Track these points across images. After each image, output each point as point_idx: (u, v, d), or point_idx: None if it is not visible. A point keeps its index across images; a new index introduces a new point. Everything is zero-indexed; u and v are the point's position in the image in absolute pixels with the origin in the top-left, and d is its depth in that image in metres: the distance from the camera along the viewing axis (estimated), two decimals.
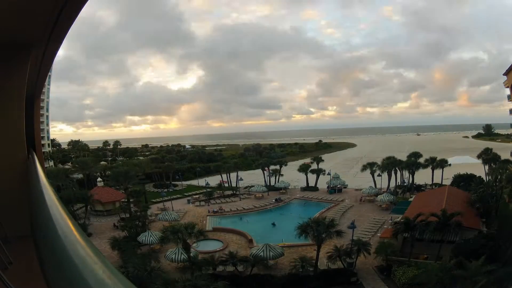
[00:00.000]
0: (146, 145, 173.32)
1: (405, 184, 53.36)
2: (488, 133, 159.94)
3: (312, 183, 56.19)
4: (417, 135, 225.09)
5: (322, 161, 64.22)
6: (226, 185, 59.74)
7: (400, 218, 30.95)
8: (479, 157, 54.98)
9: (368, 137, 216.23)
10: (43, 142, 79.26)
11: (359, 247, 25.73)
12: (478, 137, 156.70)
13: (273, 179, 61.04)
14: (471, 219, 29.01)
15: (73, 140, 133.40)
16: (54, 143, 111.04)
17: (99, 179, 58.04)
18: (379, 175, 52.37)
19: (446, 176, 51.33)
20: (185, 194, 55.77)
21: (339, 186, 53.96)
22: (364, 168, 54.94)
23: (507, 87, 42.79)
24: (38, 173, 2.93)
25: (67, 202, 35.32)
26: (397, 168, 52.12)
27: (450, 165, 53.15)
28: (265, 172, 62.15)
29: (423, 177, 52.58)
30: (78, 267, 0.97)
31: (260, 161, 69.37)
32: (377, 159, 56.83)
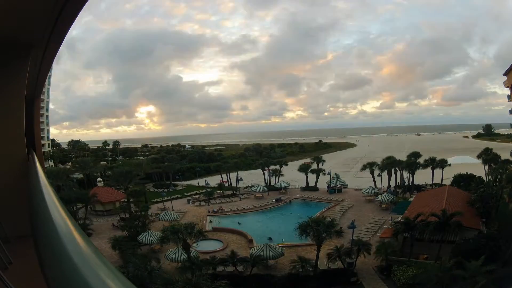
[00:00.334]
0: (146, 145, 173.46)
1: (405, 184, 53.34)
2: (488, 133, 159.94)
3: (312, 183, 56.19)
4: (417, 135, 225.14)
5: (323, 161, 64.18)
6: (226, 185, 59.72)
7: (400, 218, 30.93)
8: (479, 157, 54.92)
9: (368, 137, 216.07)
10: (43, 142, 79.25)
11: (359, 247, 25.72)
12: (478, 137, 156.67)
13: (273, 179, 61.07)
14: (471, 219, 28.98)
15: (73, 140, 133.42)
16: (54, 143, 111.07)
17: (99, 179, 58.06)
18: (379, 175, 52.35)
19: (446, 176, 51.27)
20: (185, 194, 55.79)
21: (339, 186, 53.96)
22: (364, 168, 54.98)
23: (507, 87, 42.79)
24: (38, 173, 2.93)
25: (67, 202, 35.37)
26: (397, 168, 52.11)
27: (450, 165, 53.12)
28: (265, 172, 62.19)
29: (423, 177, 52.54)
30: (78, 267, 0.97)
31: (260, 161, 69.34)
32: (377, 159, 56.82)
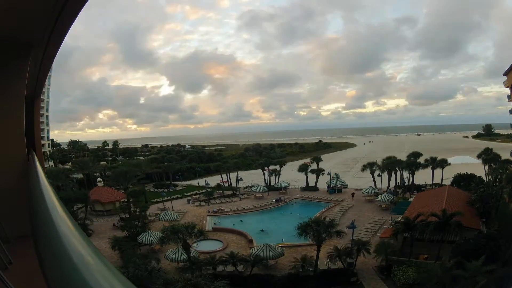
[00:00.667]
0: (146, 145, 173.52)
1: (405, 184, 53.32)
2: (488, 133, 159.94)
3: (312, 183, 56.19)
4: (417, 135, 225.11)
5: (321, 161, 64.20)
6: (226, 185, 59.72)
7: (400, 218, 30.92)
8: (479, 157, 54.91)
9: (368, 137, 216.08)
10: (43, 142, 79.24)
11: (359, 247, 25.72)
12: (478, 137, 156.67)
13: (273, 179, 61.07)
14: (471, 219, 28.98)
15: (72, 140, 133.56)
16: (54, 143, 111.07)
17: (99, 179, 58.11)
18: (379, 175, 52.32)
19: (446, 176, 51.25)
20: (185, 194, 55.78)
21: (339, 186, 53.96)
22: (364, 168, 54.93)
23: (507, 87, 42.79)
24: (38, 173, 2.93)
25: (67, 202, 35.35)
26: (397, 168, 52.05)
27: (450, 165, 53.10)
28: (265, 172, 62.19)
29: (423, 177, 52.53)
30: (78, 267, 0.97)
31: (260, 161, 69.39)
32: (377, 159, 56.81)
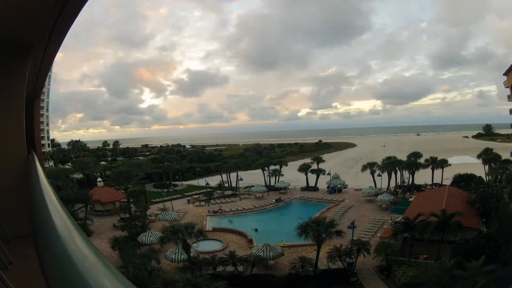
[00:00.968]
0: (146, 145, 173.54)
1: (405, 184, 53.33)
2: (488, 133, 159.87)
3: (312, 183, 56.18)
4: (417, 135, 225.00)
5: (322, 161, 64.21)
6: (226, 185, 59.72)
7: (400, 218, 30.93)
8: (479, 157, 54.92)
9: (368, 137, 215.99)
10: (43, 142, 79.25)
11: (359, 247, 25.72)
12: (478, 137, 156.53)
13: (273, 179, 61.07)
14: (471, 219, 28.98)
15: (73, 140, 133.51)
16: (54, 143, 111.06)
17: (99, 179, 58.10)
18: (379, 175, 52.32)
19: (446, 176, 51.27)
20: (185, 194, 55.79)
21: (339, 186, 53.93)
22: (364, 168, 54.94)
23: (507, 87, 42.80)
24: (38, 173, 2.93)
25: (67, 202, 35.35)
26: (397, 168, 52.06)
27: (450, 165, 53.10)
28: (265, 172, 62.19)
29: (423, 177, 52.53)
30: (78, 267, 0.97)
31: (260, 161, 69.38)
32: (377, 159, 56.81)
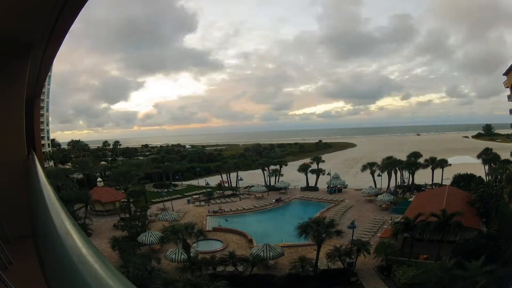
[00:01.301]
0: (146, 145, 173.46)
1: (405, 184, 53.33)
2: (488, 133, 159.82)
3: (312, 183, 56.17)
4: (417, 135, 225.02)
5: (322, 161, 64.20)
6: (226, 185, 59.70)
7: (400, 218, 30.93)
8: (479, 157, 54.92)
9: (367, 137, 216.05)
10: (43, 142, 79.24)
11: (359, 247, 25.72)
12: (478, 137, 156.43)
13: (273, 179, 61.06)
14: (471, 219, 28.99)
15: (73, 140, 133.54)
16: (54, 143, 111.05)
17: (99, 179, 58.07)
18: (379, 175, 52.32)
19: (446, 176, 51.26)
20: (185, 194, 55.78)
21: (339, 186, 53.92)
22: (364, 168, 54.93)
23: (507, 87, 42.83)
24: (38, 173, 2.93)
25: (67, 202, 35.35)
26: (397, 168, 52.05)
27: (450, 165, 53.10)
28: (265, 172, 62.19)
29: (423, 177, 52.53)
30: (78, 267, 0.97)
31: (260, 161, 69.36)
32: (377, 159, 56.81)
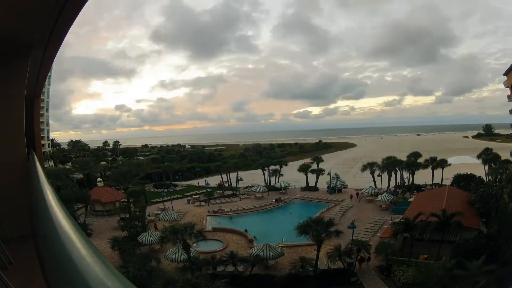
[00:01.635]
0: (146, 145, 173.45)
1: (405, 184, 53.33)
2: (488, 133, 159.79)
3: (312, 183, 56.17)
4: (417, 135, 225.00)
5: (322, 161, 64.21)
6: (226, 185, 59.73)
7: (400, 218, 30.92)
8: (479, 157, 54.89)
9: (368, 137, 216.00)
10: (43, 142, 79.24)
11: (359, 247, 25.73)
12: (478, 137, 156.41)
13: (273, 179, 61.06)
14: (471, 219, 28.99)
15: (73, 140, 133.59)
16: (54, 143, 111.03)
17: (99, 179, 58.01)
18: (379, 175, 52.33)
19: (446, 176, 51.25)
20: (185, 194, 55.78)
21: (339, 186, 53.92)
22: (364, 168, 54.92)
23: (507, 87, 42.84)
24: (38, 173, 2.93)
25: (67, 202, 35.34)
26: (397, 168, 52.05)
27: (450, 165, 53.10)
28: (265, 172, 62.17)
29: (423, 177, 52.53)
30: (78, 267, 0.97)
31: (260, 161, 69.35)
32: (377, 159, 56.81)
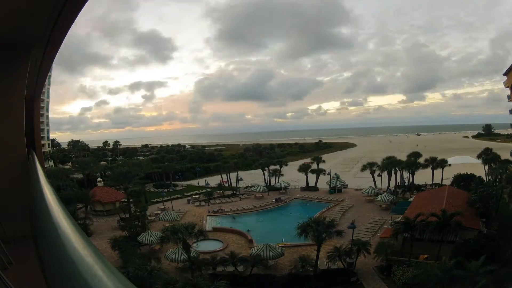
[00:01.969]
0: (146, 145, 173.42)
1: (405, 184, 53.33)
2: (488, 133, 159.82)
3: (312, 183, 56.17)
4: (417, 135, 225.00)
5: (322, 161, 64.21)
6: (226, 185, 59.70)
7: (400, 218, 30.93)
8: (479, 157, 54.86)
9: (367, 137, 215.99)
10: (43, 142, 79.24)
11: (359, 247, 25.72)
12: (478, 137, 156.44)
13: (273, 179, 61.05)
14: (471, 219, 28.97)
15: (73, 140, 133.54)
16: (54, 143, 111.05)
17: (99, 179, 58.01)
18: (379, 175, 52.33)
19: (446, 176, 51.25)
20: (185, 194, 55.77)
21: (339, 186, 53.91)
22: (364, 168, 54.95)
23: (507, 87, 42.82)
24: (38, 173, 2.93)
25: (67, 202, 35.33)
26: (397, 168, 52.02)
27: (450, 165, 53.09)
28: (265, 172, 62.17)
29: (423, 177, 52.53)
30: (78, 267, 0.97)
31: (260, 161, 69.34)
32: (377, 159, 56.82)
